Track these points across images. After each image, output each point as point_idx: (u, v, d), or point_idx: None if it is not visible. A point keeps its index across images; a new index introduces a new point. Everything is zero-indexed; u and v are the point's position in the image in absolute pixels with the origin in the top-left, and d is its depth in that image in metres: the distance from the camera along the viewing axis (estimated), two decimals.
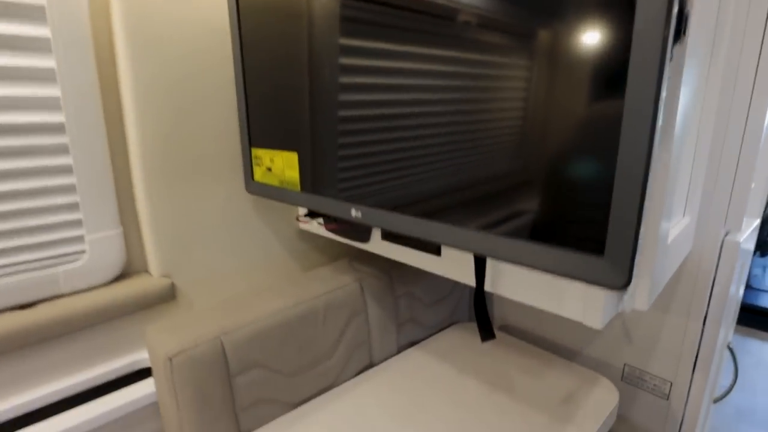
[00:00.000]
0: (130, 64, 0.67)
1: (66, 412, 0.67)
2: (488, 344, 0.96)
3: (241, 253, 0.85)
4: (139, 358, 0.77)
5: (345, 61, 0.56)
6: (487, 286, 0.58)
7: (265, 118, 0.72)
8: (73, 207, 0.68)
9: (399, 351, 0.94)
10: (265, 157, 0.74)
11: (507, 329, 1.11)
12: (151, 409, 0.74)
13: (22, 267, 0.66)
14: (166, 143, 0.72)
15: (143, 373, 0.77)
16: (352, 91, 0.56)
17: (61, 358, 0.69)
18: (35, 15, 0.61)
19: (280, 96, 0.67)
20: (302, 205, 0.70)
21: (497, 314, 1.12)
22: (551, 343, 1.01)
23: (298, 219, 0.86)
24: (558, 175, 0.41)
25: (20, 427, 0.64)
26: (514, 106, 0.42)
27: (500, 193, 0.46)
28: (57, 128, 0.64)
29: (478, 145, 0.46)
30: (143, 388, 0.72)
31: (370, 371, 0.87)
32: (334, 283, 0.83)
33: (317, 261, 0.99)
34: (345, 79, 0.57)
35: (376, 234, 0.73)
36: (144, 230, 0.75)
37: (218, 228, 0.81)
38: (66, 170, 0.66)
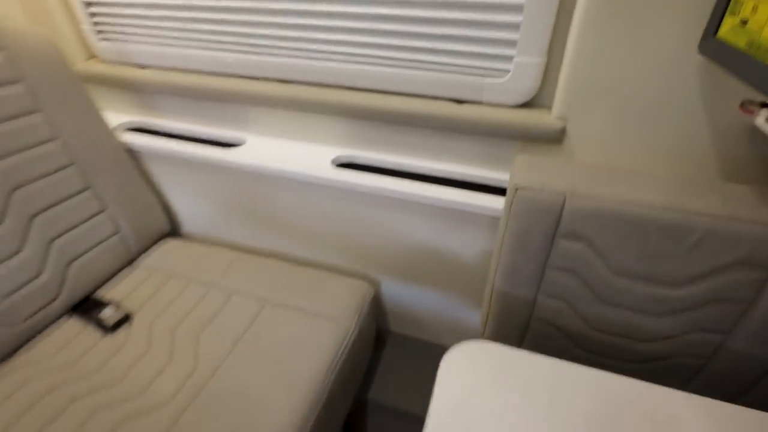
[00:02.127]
0: None
1: (443, 186, 0.89)
2: None
3: (649, 127, 0.71)
4: (505, 178, 0.87)
5: None
6: None
7: None
8: (513, 27, 0.73)
9: None
10: (748, 1, 0.50)
11: None
12: (494, 222, 0.87)
13: (460, 70, 0.79)
14: None
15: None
16: None
17: (460, 149, 0.88)
18: None
19: None
20: None
21: None
22: None
23: (743, 105, 0.59)
24: None
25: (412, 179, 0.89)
26: None
27: None
28: None
29: None
30: (496, 202, 0.85)
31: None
32: (747, 213, 0.59)
33: (749, 176, 0.70)
34: None
35: None
36: (563, 68, 0.73)
37: (641, 88, 0.68)
38: None
